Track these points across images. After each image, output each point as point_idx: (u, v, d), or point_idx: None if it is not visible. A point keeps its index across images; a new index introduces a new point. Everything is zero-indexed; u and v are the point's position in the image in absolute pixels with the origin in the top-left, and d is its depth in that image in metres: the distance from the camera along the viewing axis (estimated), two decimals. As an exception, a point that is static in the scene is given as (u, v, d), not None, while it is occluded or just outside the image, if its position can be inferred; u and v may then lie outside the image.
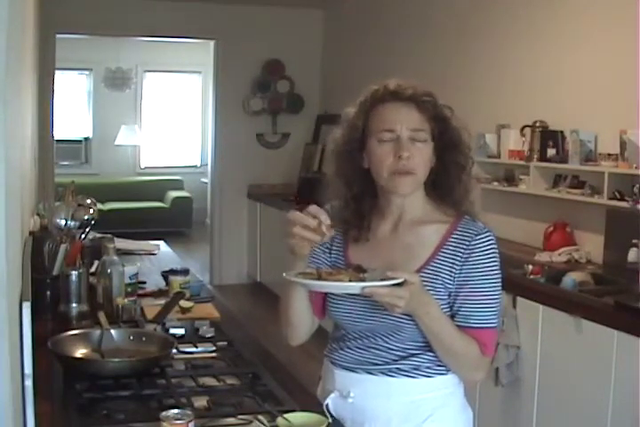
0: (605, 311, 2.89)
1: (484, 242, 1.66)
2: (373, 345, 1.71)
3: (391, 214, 1.74)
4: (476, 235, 1.67)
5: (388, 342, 1.69)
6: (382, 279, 1.51)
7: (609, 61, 3.69)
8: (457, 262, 1.66)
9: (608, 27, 3.70)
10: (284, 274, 1.60)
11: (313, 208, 1.56)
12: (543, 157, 3.91)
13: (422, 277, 1.61)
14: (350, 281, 1.52)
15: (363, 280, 1.53)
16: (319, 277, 1.55)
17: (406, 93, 1.68)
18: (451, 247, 1.67)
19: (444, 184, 1.73)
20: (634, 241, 3.33)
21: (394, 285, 1.49)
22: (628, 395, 2.74)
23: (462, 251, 1.66)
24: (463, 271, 1.66)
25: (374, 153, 1.68)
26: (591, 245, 3.74)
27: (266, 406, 1.68)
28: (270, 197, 6.79)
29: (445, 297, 1.66)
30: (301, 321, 1.78)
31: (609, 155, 3.49)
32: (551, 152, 3.88)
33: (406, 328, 1.64)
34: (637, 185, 3.32)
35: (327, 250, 1.80)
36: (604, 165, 3.51)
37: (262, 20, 6.94)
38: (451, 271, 1.66)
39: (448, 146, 1.71)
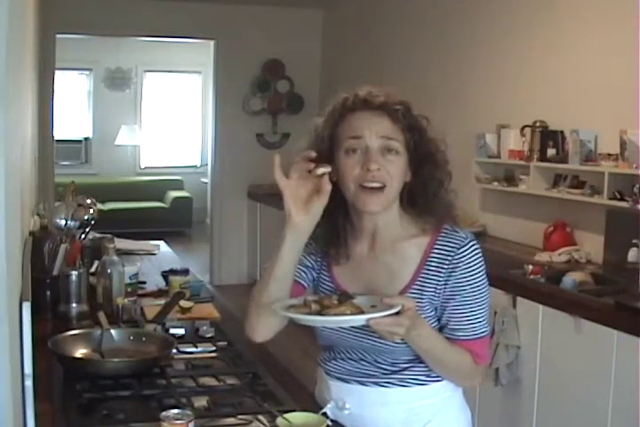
0: (605, 311, 2.89)
1: (468, 254, 1.60)
2: (364, 358, 1.68)
3: (366, 232, 1.66)
4: (459, 248, 1.60)
5: (378, 358, 1.66)
6: (373, 306, 1.47)
7: (609, 61, 3.68)
8: (441, 278, 1.60)
9: (608, 26, 3.70)
10: (274, 306, 1.53)
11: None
12: (543, 157, 3.91)
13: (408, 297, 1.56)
14: (352, 314, 1.45)
15: (361, 311, 1.46)
16: (309, 308, 1.48)
17: (377, 101, 1.58)
18: (433, 263, 1.61)
19: (422, 201, 1.64)
20: (634, 241, 3.33)
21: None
22: (628, 395, 2.74)
23: (446, 265, 1.60)
24: (448, 286, 1.60)
25: (340, 165, 1.56)
26: (591, 245, 3.73)
27: (266, 406, 1.68)
28: (270, 197, 6.77)
29: (432, 313, 1.62)
30: (284, 283, 1.61)
31: (609, 155, 3.49)
32: (551, 152, 3.88)
33: (396, 350, 1.62)
34: (637, 185, 3.31)
35: (311, 269, 1.73)
36: (604, 165, 3.50)
37: (262, 20, 6.94)
38: (436, 287, 1.61)
39: (424, 159, 1.60)
